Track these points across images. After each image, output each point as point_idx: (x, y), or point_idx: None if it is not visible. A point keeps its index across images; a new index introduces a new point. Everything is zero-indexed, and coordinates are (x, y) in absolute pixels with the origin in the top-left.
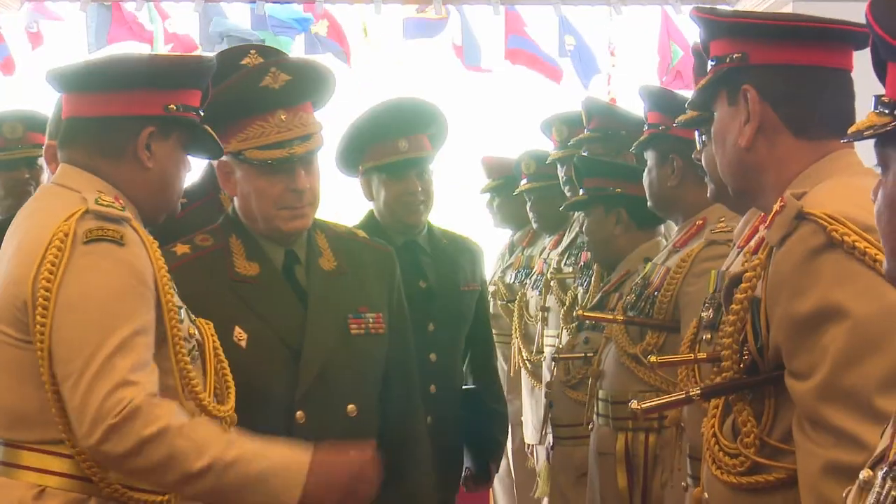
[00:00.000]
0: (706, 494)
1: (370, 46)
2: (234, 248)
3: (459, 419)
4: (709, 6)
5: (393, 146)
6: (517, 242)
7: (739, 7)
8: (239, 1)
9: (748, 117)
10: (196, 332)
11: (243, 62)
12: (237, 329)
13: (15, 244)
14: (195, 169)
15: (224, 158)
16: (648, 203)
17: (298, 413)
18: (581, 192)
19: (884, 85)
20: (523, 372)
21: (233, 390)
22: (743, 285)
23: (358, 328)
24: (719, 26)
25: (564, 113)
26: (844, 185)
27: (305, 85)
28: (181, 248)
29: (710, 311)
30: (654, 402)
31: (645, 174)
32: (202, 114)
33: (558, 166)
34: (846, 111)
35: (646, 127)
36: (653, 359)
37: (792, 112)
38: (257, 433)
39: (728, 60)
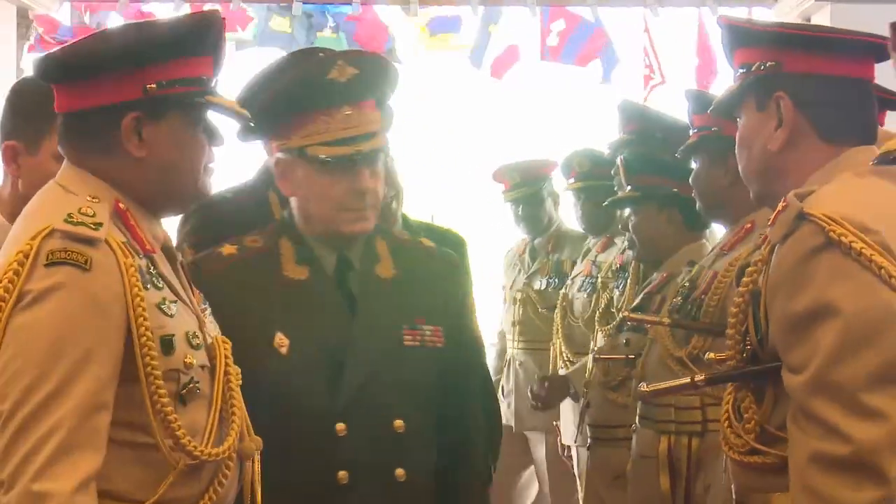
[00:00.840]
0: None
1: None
2: (284, 250)
3: None
4: (740, 17)
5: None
6: (540, 248)
7: (777, 8)
8: (270, 2)
9: (779, 123)
10: (195, 360)
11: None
12: (279, 335)
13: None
14: (249, 166)
15: (280, 156)
16: (698, 205)
17: (339, 425)
18: (629, 188)
19: None
20: (562, 372)
21: (237, 424)
22: (745, 279)
23: (413, 340)
24: (752, 35)
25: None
26: (848, 185)
27: (372, 80)
28: (228, 249)
29: None
30: (661, 385)
31: (693, 177)
32: (211, 81)
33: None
34: (870, 118)
35: (693, 130)
36: (711, 355)
37: (822, 119)
38: (296, 446)
39: (760, 68)
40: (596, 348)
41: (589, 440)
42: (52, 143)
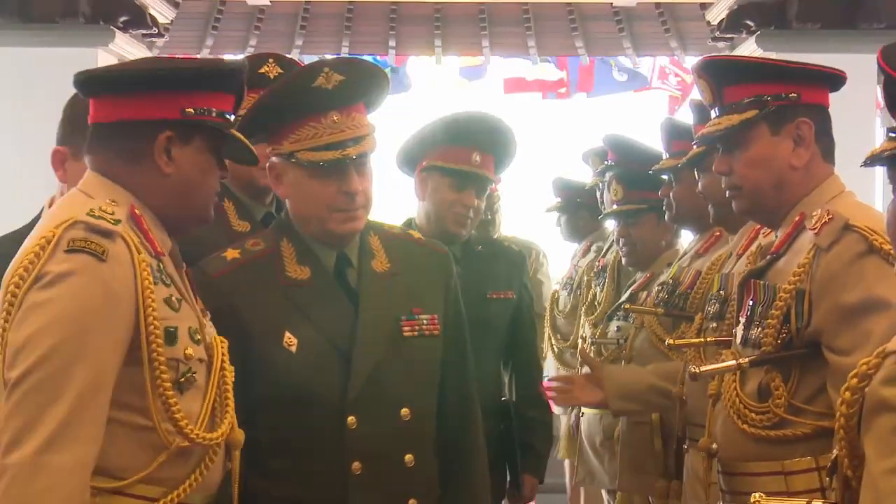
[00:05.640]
0: (715, 445)
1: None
2: (286, 251)
3: (495, 431)
4: (748, 55)
5: (465, 154)
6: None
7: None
8: (311, 55)
9: (797, 143)
10: (194, 352)
11: (261, 71)
12: (287, 334)
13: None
14: None
15: (274, 160)
16: (672, 213)
17: (350, 418)
18: (625, 202)
19: (894, 117)
20: (550, 356)
21: (230, 415)
22: (791, 279)
23: (411, 330)
24: (771, 70)
25: (597, 147)
26: (857, 203)
27: (358, 85)
28: (231, 254)
29: (717, 305)
30: (711, 367)
31: (685, 187)
32: (231, 118)
33: (598, 187)
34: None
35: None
36: (670, 341)
37: (825, 141)
38: (308, 439)
39: (782, 98)
40: (587, 334)
41: (582, 409)
42: None
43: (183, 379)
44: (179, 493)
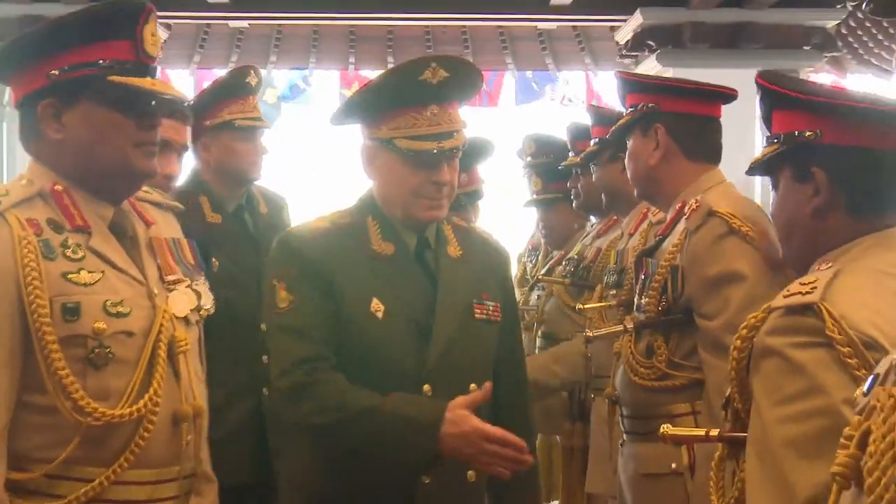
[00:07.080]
0: (617, 392)
1: None
2: (371, 227)
3: None
4: (630, 71)
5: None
6: None
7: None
8: (286, 69)
9: (657, 146)
10: (108, 326)
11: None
12: (375, 300)
13: None
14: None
15: (369, 143)
16: (580, 201)
17: (426, 386)
18: (543, 193)
19: (769, 128)
20: None
21: (154, 388)
22: (667, 256)
23: (481, 313)
24: (638, 84)
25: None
26: (728, 193)
27: (460, 84)
28: (320, 222)
29: (615, 275)
30: (603, 331)
31: (588, 180)
32: (130, 63)
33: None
34: (718, 144)
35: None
36: (579, 305)
37: (686, 143)
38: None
39: (643, 107)
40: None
41: None
42: None
43: (93, 355)
44: (111, 472)
